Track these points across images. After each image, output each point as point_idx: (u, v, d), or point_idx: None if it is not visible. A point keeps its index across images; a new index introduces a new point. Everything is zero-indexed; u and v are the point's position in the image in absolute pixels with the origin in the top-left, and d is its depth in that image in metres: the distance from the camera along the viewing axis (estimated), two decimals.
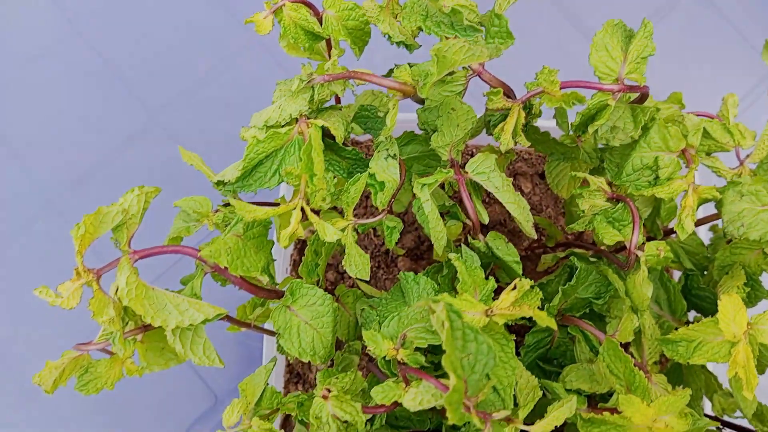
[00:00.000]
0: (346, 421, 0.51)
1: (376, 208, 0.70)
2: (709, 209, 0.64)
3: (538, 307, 0.62)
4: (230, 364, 0.94)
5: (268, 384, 0.59)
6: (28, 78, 1.05)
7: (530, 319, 0.66)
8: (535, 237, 0.57)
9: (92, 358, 0.57)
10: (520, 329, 0.78)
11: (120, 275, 0.49)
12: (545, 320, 0.46)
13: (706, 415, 0.73)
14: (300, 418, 0.57)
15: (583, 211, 0.56)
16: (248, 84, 1.04)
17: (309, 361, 0.84)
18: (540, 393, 0.54)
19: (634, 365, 0.53)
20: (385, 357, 0.52)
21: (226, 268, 0.52)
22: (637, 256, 0.53)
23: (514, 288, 0.48)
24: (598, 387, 0.58)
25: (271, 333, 0.70)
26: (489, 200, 0.85)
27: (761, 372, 0.62)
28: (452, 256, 0.54)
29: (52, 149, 1.02)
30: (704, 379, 0.66)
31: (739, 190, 0.55)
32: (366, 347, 0.74)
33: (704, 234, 0.72)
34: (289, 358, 0.82)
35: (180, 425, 0.92)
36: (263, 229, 0.56)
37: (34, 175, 1.01)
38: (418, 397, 0.46)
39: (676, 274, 0.81)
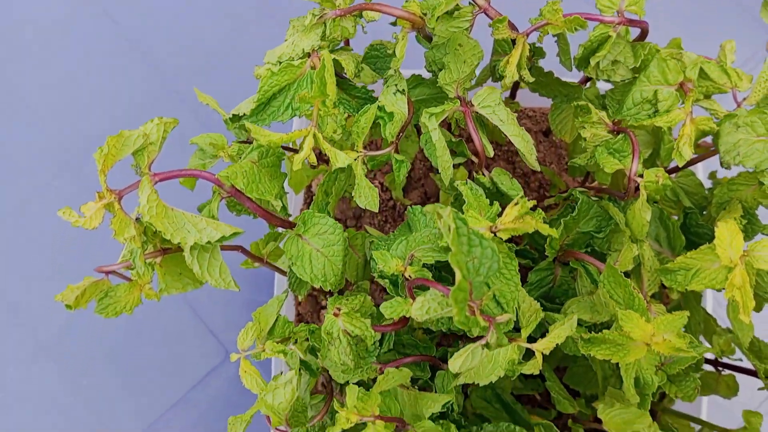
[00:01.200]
0: (356, 336, 0.53)
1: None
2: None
3: (541, 243, 0.64)
4: (240, 321, 0.96)
5: (280, 315, 0.61)
6: (47, 45, 1.08)
7: (533, 259, 0.69)
8: (538, 169, 0.59)
9: (112, 284, 0.59)
10: (524, 274, 0.80)
11: (141, 194, 0.51)
12: (547, 230, 0.48)
13: (707, 361, 0.74)
14: (312, 345, 0.59)
15: (586, 142, 0.58)
16: (260, 52, 1.06)
17: (318, 310, 0.87)
18: (542, 314, 0.56)
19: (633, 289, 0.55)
20: (392, 277, 0.54)
21: (241, 192, 0.54)
22: (636, 183, 0.55)
23: (517, 204, 0.50)
24: (599, 317, 0.60)
25: (283, 272, 0.72)
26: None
27: (759, 308, 0.64)
28: (458, 183, 0.56)
29: (70, 113, 1.05)
30: (703, 316, 0.68)
31: (735, 121, 0.57)
32: (374, 282, 0.76)
33: (703, 177, 0.74)
34: (299, 297, 0.84)
35: (192, 378, 0.95)
36: (276, 159, 0.58)
37: (52, 138, 1.04)
38: (425, 305, 0.48)
39: None
